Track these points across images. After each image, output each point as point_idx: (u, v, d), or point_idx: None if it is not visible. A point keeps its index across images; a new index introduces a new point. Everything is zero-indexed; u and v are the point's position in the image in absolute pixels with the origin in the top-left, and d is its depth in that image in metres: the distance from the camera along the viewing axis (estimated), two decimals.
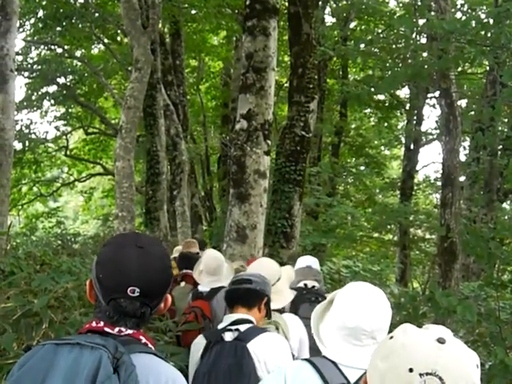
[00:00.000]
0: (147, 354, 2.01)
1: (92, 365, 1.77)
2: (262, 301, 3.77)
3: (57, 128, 27.96)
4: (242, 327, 3.58)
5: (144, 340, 2.07)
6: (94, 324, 2.05)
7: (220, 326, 3.70)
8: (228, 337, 3.57)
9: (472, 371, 1.52)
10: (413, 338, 1.57)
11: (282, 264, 5.87)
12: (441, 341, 1.53)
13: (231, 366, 3.00)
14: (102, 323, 2.04)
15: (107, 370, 1.76)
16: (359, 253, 23.49)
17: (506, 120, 17.68)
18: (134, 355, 1.90)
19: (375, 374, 1.58)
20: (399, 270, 21.91)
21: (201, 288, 5.93)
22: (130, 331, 2.03)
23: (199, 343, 3.68)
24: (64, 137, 28.86)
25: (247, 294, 3.73)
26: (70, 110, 27.85)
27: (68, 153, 29.08)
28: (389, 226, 23.56)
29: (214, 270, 5.82)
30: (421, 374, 1.46)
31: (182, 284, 6.71)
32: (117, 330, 2.02)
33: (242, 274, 4.04)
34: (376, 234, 24.08)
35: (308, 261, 6.01)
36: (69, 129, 29.17)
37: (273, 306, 4.00)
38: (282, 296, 4.40)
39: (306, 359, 2.67)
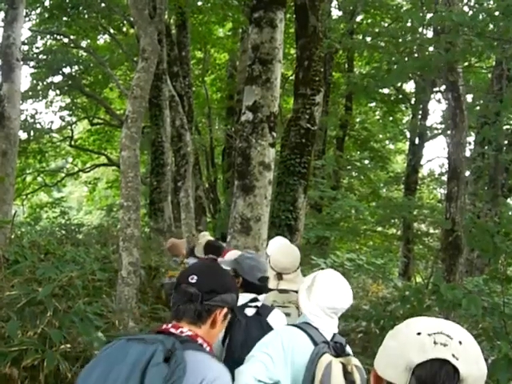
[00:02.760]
0: (200, 353, 2.43)
1: (148, 354, 2.27)
2: None
3: (62, 118, 27.93)
4: (258, 304, 4.30)
5: (200, 341, 2.55)
6: (163, 326, 2.58)
7: (239, 304, 4.15)
8: (249, 312, 4.23)
9: (472, 337, 1.65)
10: (416, 318, 1.72)
11: None
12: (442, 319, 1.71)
13: (261, 336, 3.67)
14: (169, 325, 2.56)
15: (158, 359, 2.25)
16: (363, 246, 23.46)
17: (511, 115, 17.63)
18: (188, 352, 2.35)
19: (385, 353, 1.66)
20: (402, 264, 21.89)
21: None
22: (189, 333, 2.52)
23: None
24: (69, 127, 28.86)
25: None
26: (75, 101, 27.80)
27: (73, 143, 29.09)
28: (393, 221, 23.54)
29: None
30: (429, 334, 1.58)
31: None
32: (179, 330, 2.51)
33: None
34: (380, 228, 24.05)
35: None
36: (74, 119, 29.17)
37: (295, 287, 4.64)
38: (300, 279, 4.83)
39: (294, 325, 3.65)
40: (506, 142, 18.86)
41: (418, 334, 1.59)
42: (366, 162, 27.54)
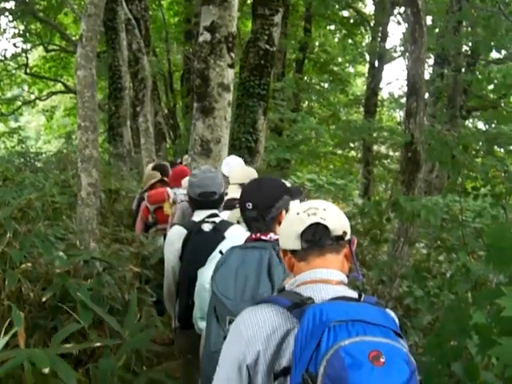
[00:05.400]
0: None
1: (267, 257, 3.02)
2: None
3: (15, 45, 27.34)
4: (216, 220, 4.43)
5: None
6: (253, 236, 3.26)
7: (196, 219, 4.51)
8: (206, 228, 4.40)
9: (333, 205, 2.42)
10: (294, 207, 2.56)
11: None
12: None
13: (214, 249, 3.69)
14: (258, 235, 3.24)
15: (276, 260, 2.98)
16: (323, 169, 23.64)
17: (469, 38, 17.62)
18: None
19: (282, 232, 2.42)
20: (362, 185, 22.12)
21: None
22: (275, 237, 3.14)
23: (180, 232, 4.46)
24: (23, 54, 28.29)
25: (216, 201, 4.60)
26: (28, 27, 27.14)
27: (28, 71, 28.58)
28: (352, 145, 23.70)
29: None
30: (304, 211, 2.32)
31: None
32: (268, 237, 3.20)
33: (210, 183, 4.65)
34: (340, 151, 24.21)
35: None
36: (28, 46, 28.56)
37: None
38: None
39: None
40: (464, 63, 18.92)
41: (297, 213, 2.33)
42: (326, 84, 27.51)
